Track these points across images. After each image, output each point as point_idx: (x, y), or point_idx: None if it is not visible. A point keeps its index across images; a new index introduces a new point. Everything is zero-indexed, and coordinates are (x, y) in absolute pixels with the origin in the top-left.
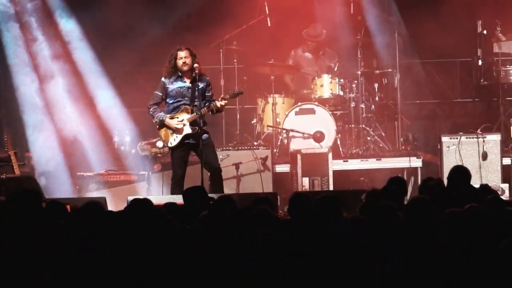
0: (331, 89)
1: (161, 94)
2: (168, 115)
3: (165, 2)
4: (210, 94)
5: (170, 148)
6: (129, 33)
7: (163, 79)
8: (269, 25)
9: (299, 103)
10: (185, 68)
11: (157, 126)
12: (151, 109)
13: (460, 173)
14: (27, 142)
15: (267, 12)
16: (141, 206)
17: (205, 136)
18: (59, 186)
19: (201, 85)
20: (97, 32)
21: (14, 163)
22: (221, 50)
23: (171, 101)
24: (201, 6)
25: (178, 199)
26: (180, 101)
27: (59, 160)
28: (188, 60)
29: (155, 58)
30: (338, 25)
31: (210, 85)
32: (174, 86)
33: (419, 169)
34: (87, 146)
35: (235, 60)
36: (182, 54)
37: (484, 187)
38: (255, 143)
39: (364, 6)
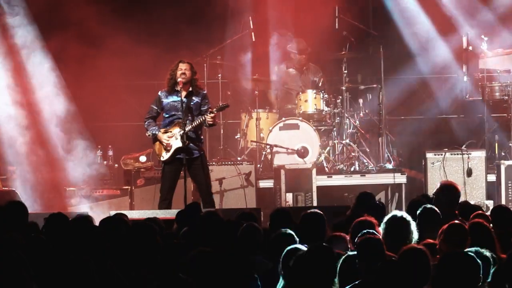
0: (316, 105)
1: (156, 107)
2: (162, 129)
3: (149, 16)
4: (205, 108)
5: (162, 162)
6: (112, 47)
7: (159, 92)
8: (253, 40)
9: (283, 118)
10: (182, 79)
11: (152, 140)
12: (145, 123)
13: (448, 191)
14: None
15: (252, 27)
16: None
17: (196, 153)
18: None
19: (195, 99)
20: (79, 47)
21: None
22: (205, 65)
23: (166, 115)
24: (186, 20)
25: (162, 214)
26: (174, 115)
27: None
28: (188, 73)
29: (139, 72)
30: (322, 40)
31: (206, 99)
32: (168, 100)
33: (403, 186)
34: (70, 160)
35: (219, 75)
36: (182, 66)
37: (465, 204)
38: (239, 158)
39: (349, 21)
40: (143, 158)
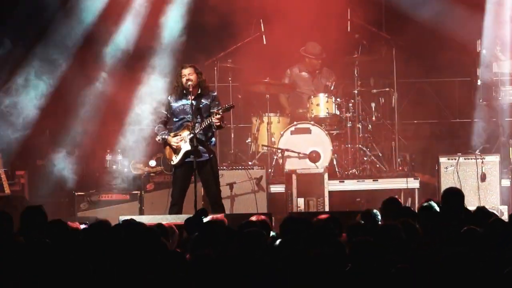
0: (327, 108)
1: (166, 112)
2: (172, 133)
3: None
4: (215, 110)
5: (173, 166)
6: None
7: (168, 97)
8: (264, 43)
9: (295, 122)
10: (191, 85)
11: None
12: (156, 128)
13: (454, 194)
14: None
15: (263, 29)
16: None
17: (206, 156)
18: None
19: (204, 101)
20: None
21: (4, 182)
22: (215, 68)
23: (176, 119)
24: (196, 23)
25: (172, 219)
26: (183, 118)
27: None
28: (193, 77)
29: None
30: (335, 43)
31: (216, 101)
32: (177, 104)
33: (416, 191)
34: (79, 164)
35: (229, 78)
36: (185, 71)
37: (481, 210)
38: (250, 163)
39: (361, 24)
40: (152, 163)
